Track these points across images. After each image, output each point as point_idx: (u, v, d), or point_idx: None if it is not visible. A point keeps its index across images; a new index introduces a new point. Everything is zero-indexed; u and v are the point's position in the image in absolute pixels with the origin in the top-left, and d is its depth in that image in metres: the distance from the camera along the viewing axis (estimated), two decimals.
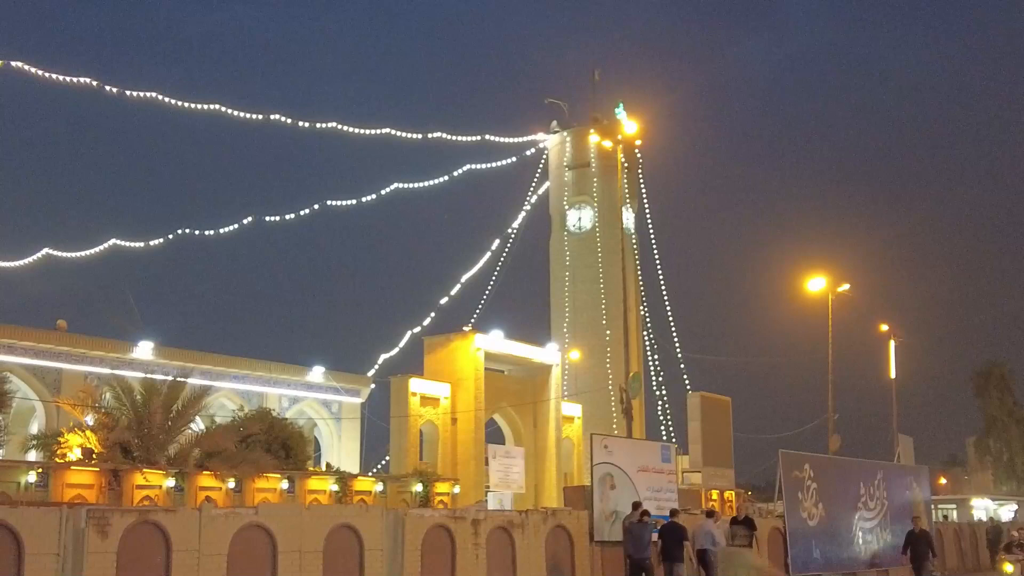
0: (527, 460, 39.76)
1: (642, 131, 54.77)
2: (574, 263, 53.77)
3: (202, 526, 14.72)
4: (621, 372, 44.67)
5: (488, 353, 42.01)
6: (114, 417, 25.54)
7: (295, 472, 27.93)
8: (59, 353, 35.74)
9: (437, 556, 17.84)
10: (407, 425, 38.89)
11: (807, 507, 25.67)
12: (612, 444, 23.39)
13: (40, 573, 13.01)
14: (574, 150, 55.56)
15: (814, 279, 37.72)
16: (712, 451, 39.17)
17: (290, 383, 44.07)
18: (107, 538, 13.61)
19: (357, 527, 16.82)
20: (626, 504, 21.50)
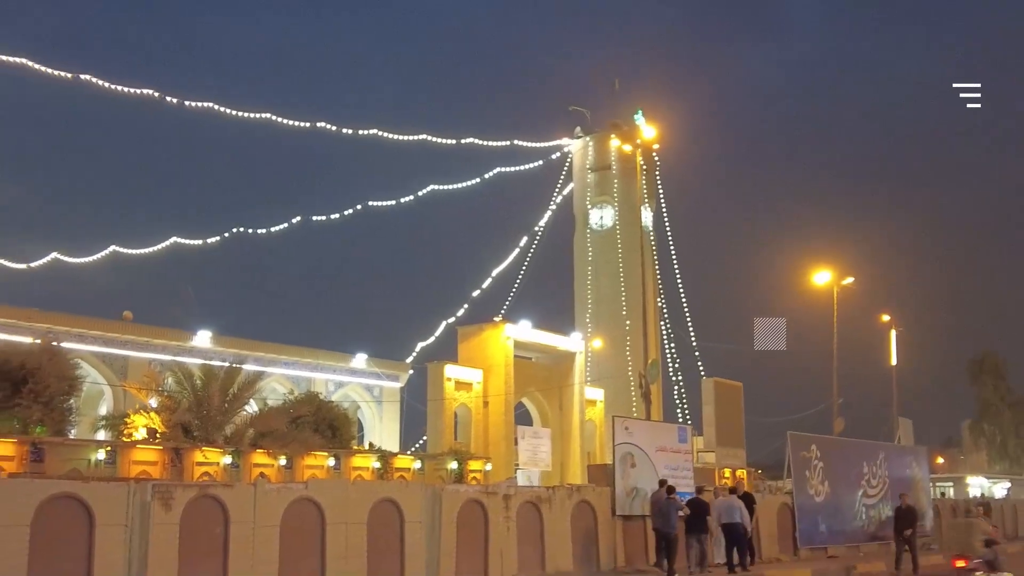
0: (553, 440, 39.77)
1: (659, 135, 54.63)
2: (596, 258, 53.68)
3: (257, 500, 14.76)
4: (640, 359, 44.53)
5: (517, 341, 42.02)
6: (176, 400, 25.69)
7: (341, 451, 28.02)
8: (125, 342, 35.96)
9: (471, 528, 17.83)
10: (443, 408, 38.98)
11: (814, 485, 25.55)
12: (632, 426, 23.32)
13: (110, 543, 13.07)
14: (596, 154, 55.43)
15: (820, 272, 37.47)
16: (725, 432, 39.08)
17: (335, 369, 44.21)
18: (171, 511, 13.66)
19: (398, 501, 16.83)
20: (646, 481, 21.45)
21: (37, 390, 22.17)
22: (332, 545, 15.46)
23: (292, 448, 25.52)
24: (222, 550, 14.11)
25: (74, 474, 19.34)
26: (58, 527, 12.66)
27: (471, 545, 17.73)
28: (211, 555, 13.99)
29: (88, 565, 12.85)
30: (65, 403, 23.36)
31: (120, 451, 22.80)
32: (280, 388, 38.34)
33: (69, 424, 23.84)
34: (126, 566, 13.16)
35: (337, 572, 15.42)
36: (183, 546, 13.66)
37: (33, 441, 21.21)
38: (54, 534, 12.57)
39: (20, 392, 22.04)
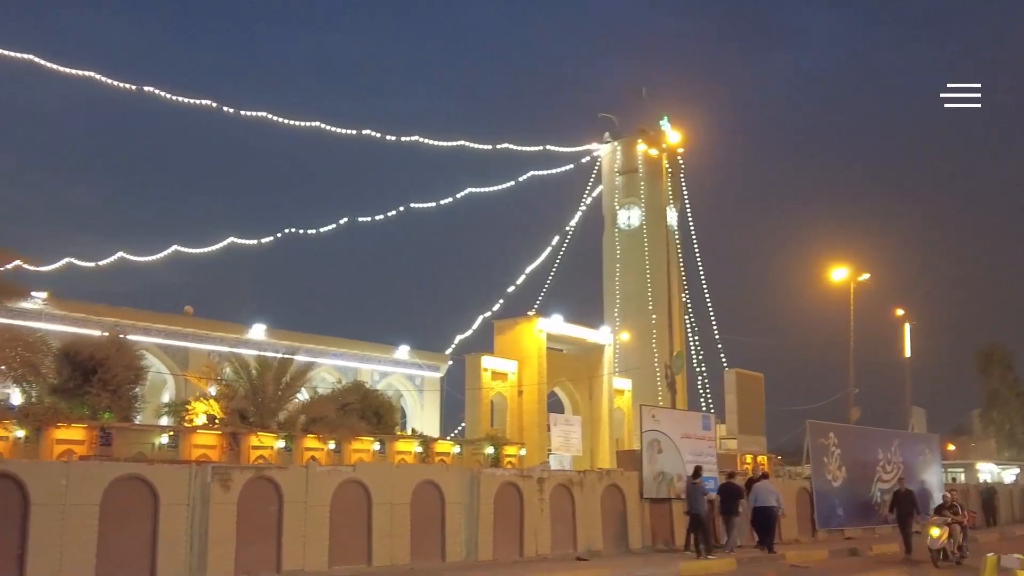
0: (583, 427, 39.73)
1: (684, 140, 54.31)
2: (624, 256, 53.51)
3: (309, 481, 14.84)
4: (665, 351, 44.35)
5: (549, 334, 41.98)
6: (233, 388, 25.87)
7: (385, 436, 28.12)
8: (186, 334, 36.19)
9: (507, 509, 17.82)
10: (480, 396, 39.06)
11: (831, 470, 25.34)
12: (659, 414, 23.21)
13: (173, 520, 13.20)
14: (624, 158, 55.25)
15: (837, 269, 37.08)
16: (746, 420, 38.80)
17: (380, 360, 44.36)
18: (229, 491, 13.76)
19: (439, 483, 16.86)
20: (672, 466, 21.36)
21: (106, 379, 22.36)
22: (378, 524, 15.52)
23: (340, 433, 25.65)
24: (276, 527, 14.21)
25: (140, 457, 19.55)
26: (125, 506, 12.80)
27: (507, 525, 17.72)
28: (266, 532, 14.09)
29: (153, 541, 12.98)
30: (131, 391, 23.56)
31: (182, 435, 22.99)
32: (329, 378, 38.53)
33: (135, 410, 24.05)
34: (188, 542, 13.29)
35: (383, 549, 15.48)
36: (240, 523, 13.77)
37: (102, 426, 21.43)
38: (122, 512, 12.71)
39: (90, 381, 22.24)
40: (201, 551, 13.32)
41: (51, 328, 27.72)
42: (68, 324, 29.81)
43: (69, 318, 30.68)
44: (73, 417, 21.16)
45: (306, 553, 14.41)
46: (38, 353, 21.20)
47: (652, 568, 17.06)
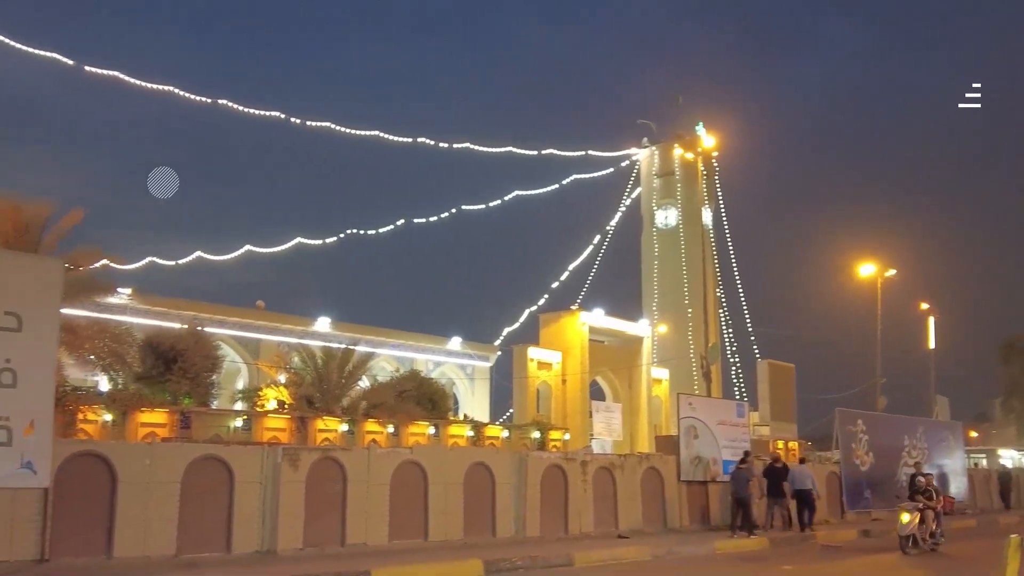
0: (623, 414, 39.52)
1: (718, 144, 53.86)
2: (661, 253, 53.17)
3: (370, 461, 14.98)
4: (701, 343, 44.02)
5: (591, 327, 41.87)
6: (301, 376, 26.00)
7: (439, 421, 28.17)
8: (258, 327, 36.56)
9: (553, 490, 17.82)
10: (527, 385, 39.09)
11: (859, 455, 24.97)
12: (695, 402, 23.04)
13: (247, 496, 13.41)
14: (661, 161, 54.86)
15: (865, 265, 36.50)
16: (778, 408, 38.39)
17: (434, 350, 44.51)
18: (298, 470, 13.95)
19: (489, 465, 16.91)
20: (707, 451, 21.21)
21: (185, 368, 22.56)
22: (434, 501, 15.62)
23: (398, 418, 25.74)
24: (341, 504, 14.36)
25: (216, 439, 19.71)
26: (204, 483, 13.03)
27: (553, 504, 17.73)
28: (332, 508, 14.25)
29: (229, 515, 13.21)
30: (208, 379, 23.73)
31: (254, 419, 23.17)
32: (387, 367, 38.75)
33: (212, 396, 24.23)
34: (260, 516, 13.50)
35: (438, 525, 15.58)
36: (308, 500, 13.95)
37: (182, 411, 21.68)
38: (201, 489, 12.95)
39: (171, 369, 22.45)
40: (272, 525, 13.52)
41: (136, 321, 28.18)
42: (151, 317, 30.23)
43: (152, 312, 31.14)
44: (156, 402, 21.42)
45: (368, 528, 14.56)
46: (124, 344, 21.43)
47: (689, 546, 16.96)
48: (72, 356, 18.92)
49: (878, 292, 36.57)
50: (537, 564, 13.70)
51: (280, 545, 13.45)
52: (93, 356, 20.23)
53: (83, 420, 18.98)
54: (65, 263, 14.10)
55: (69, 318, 17.36)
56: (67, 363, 18.50)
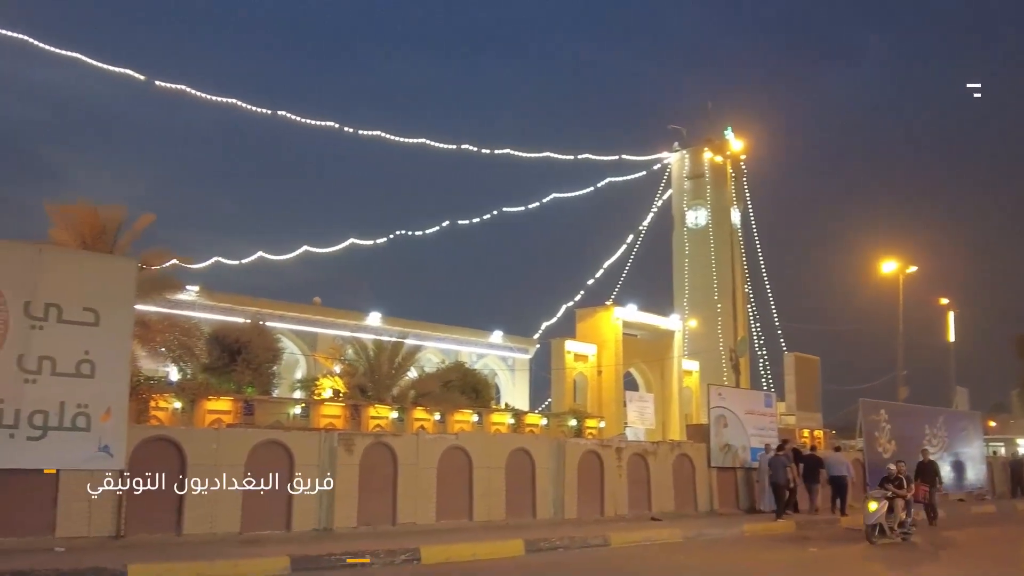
0: (656, 404, 39.17)
1: (746, 147, 53.22)
2: (692, 252, 52.70)
3: (419, 447, 15.06)
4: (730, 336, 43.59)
5: (625, 322, 41.61)
6: (354, 367, 26.09)
7: (482, 409, 28.17)
8: (315, 321, 36.86)
9: (589, 474, 17.78)
10: (564, 376, 38.97)
11: (882, 443, 24.57)
12: (725, 392, 22.82)
13: (306, 477, 13.57)
14: (692, 164, 54.35)
15: (887, 262, 35.89)
16: (804, 399, 37.84)
17: (477, 343, 44.60)
18: (352, 454, 14.07)
19: (530, 450, 16.92)
20: (737, 439, 21.03)
21: (248, 359, 22.77)
22: (478, 484, 15.67)
23: (444, 406, 25.78)
24: (392, 486, 14.46)
25: (277, 425, 19.86)
26: (266, 466, 13.18)
27: (589, 488, 17.69)
28: (384, 489, 14.35)
29: (289, 496, 13.37)
30: (270, 369, 23.92)
31: (312, 407, 23.34)
32: (434, 358, 38.90)
33: (273, 386, 24.42)
34: (318, 496, 13.65)
35: (482, 506, 15.62)
36: (362, 481, 14.07)
37: (245, 399, 21.90)
38: (263, 471, 13.09)
39: (235, 361, 22.67)
40: (329, 504, 13.66)
41: (202, 316, 28.48)
42: (217, 313, 30.61)
43: (217, 308, 31.54)
44: (221, 391, 21.65)
45: (417, 508, 14.64)
46: (192, 337, 21.60)
47: (719, 528, 16.82)
48: (145, 348, 19.17)
49: (900, 288, 35.95)
50: (575, 544, 13.67)
51: (336, 523, 13.58)
52: (164, 348, 20.45)
53: (155, 408, 19.25)
54: (138, 263, 14.38)
55: (142, 313, 17.65)
56: (140, 355, 18.75)
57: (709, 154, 52.69)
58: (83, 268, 11.94)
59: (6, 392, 10.51)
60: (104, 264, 12.94)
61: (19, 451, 10.48)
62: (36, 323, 10.83)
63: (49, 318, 10.94)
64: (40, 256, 11.30)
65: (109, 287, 11.66)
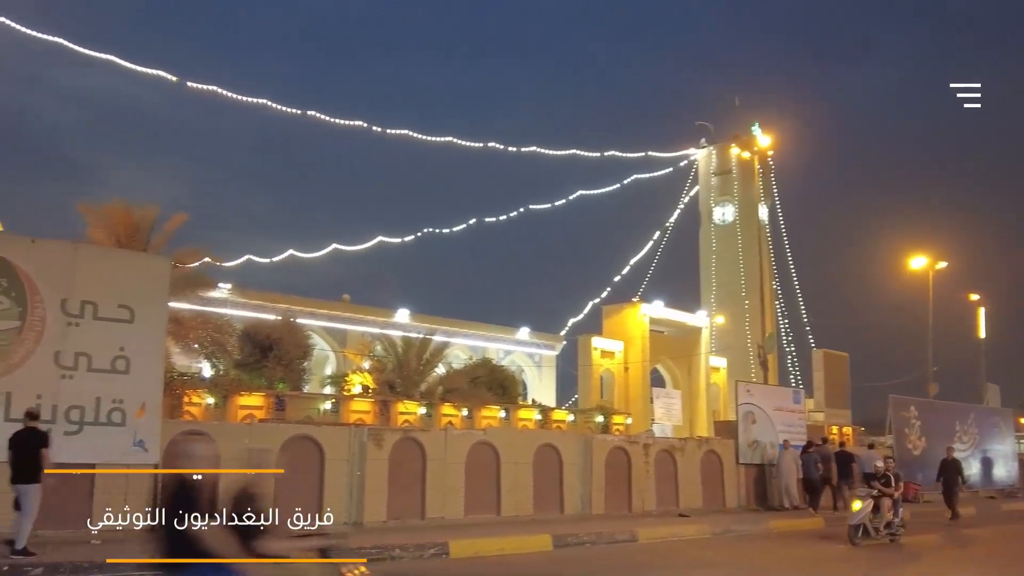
0: (683, 400, 38.97)
1: (774, 143, 52.70)
2: (719, 248, 52.26)
3: (447, 442, 15.11)
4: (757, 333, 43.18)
5: (651, 318, 41.37)
6: (383, 363, 26.20)
7: (509, 405, 28.15)
8: (344, 318, 36.83)
9: (617, 470, 17.72)
10: (591, 372, 38.84)
11: (912, 440, 24.29)
12: (753, 389, 22.63)
13: (336, 471, 13.67)
14: (719, 160, 53.90)
15: (917, 257, 35.35)
16: (832, 395, 37.42)
17: (504, 339, 44.49)
18: (381, 449, 14.15)
19: (557, 446, 16.90)
20: (765, 435, 20.85)
21: (280, 355, 22.92)
22: (506, 479, 15.67)
23: (472, 402, 25.79)
24: (421, 480, 14.52)
25: (308, 420, 19.95)
26: (298, 459, 13.32)
27: (617, 484, 17.63)
28: (412, 484, 14.42)
29: (320, 488, 13.47)
30: (300, 365, 24.07)
31: (342, 402, 23.48)
32: (461, 355, 38.87)
33: (303, 381, 24.59)
34: (349, 490, 13.73)
35: (510, 501, 15.62)
36: (391, 476, 14.15)
37: (277, 394, 22.05)
38: (295, 464, 13.24)
39: (267, 357, 22.83)
40: (359, 499, 13.74)
41: (234, 313, 28.71)
42: (248, 310, 30.75)
43: (249, 305, 31.69)
44: (253, 387, 21.80)
45: (445, 503, 14.68)
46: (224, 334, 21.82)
47: (747, 524, 16.68)
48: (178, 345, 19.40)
49: (930, 283, 35.40)
50: (603, 540, 13.63)
51: (366, 516, 13.66)
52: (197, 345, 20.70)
53: (188, 403, 19.46)
54: (171, 261, 14.54)
55: (175, 311, 17.85)
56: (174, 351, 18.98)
57: (736, 150, 52.21)
58: (118, 266, 12.11)
59: (44, 388, 10.69)
60: (138, 262, 13.11)
61: (56, 445, 10.65)
62: (72, 320, 11.00)
63: (85, 315, 11.11)
64: (76, 254, 11.47)
65: (143, 285, 11.81)
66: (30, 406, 10.19)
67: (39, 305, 10.82)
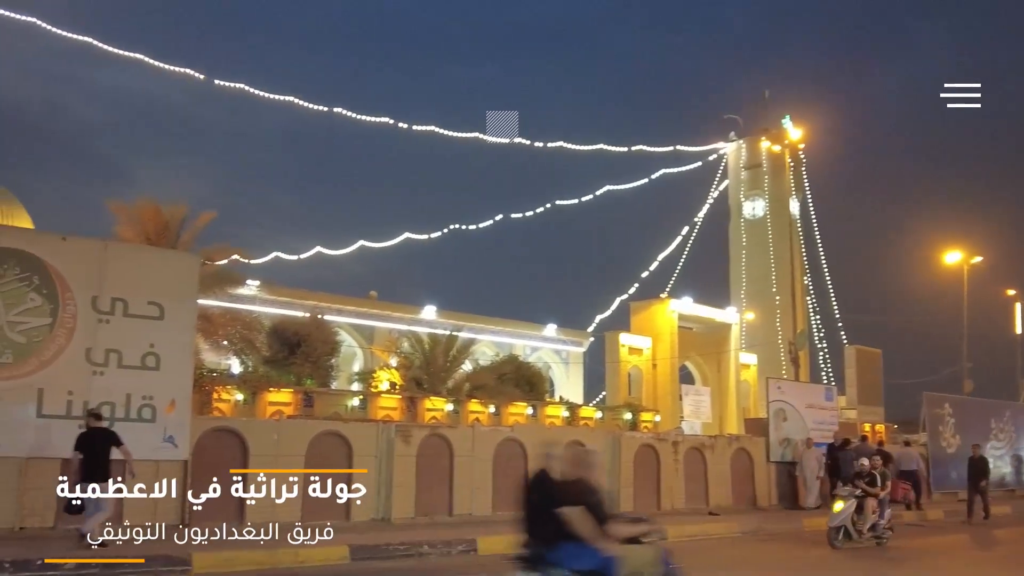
0: (712, 397, 38.68)
1: (805, 136, 52.09)
2: (749, 243, 51.76)
3: (475, 438, 15.10)
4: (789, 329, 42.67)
5: (680, 314, 41.17)
6: (410, 360, 26.28)
7: (536, 402, 28.10)
8: (372, 314, 37.11)
9: (645, 467, 17.61)
10: (618, 369, 38.71)
11: (946, 437, 23.94)
12: (784, 386, 22.39)
13: (364, 467, 13.73)
14: (748, 154, 53.35)
15: (951, 252, 34.78)
16: (865, 392, 36.96)
17: (531, 336, 44.50)
18: (409, 445, 14.16)
19: (585, 443, 16.81)
20: (796, 433, 20.61)
21: (307, 352, 23.05)
22: None
23: (499, 399, 25.79)
24: (448, 477, 14.53)
25: (336, 416, 20.13)
26: (326, 456, 13.36)
27: (645, 481, 17.53)
28: (440, 480, 14.43)
29: (348, 485, 13.49)
30: (328, 362, 24.19)
31: (369, 399, 23.56)
32: (488, 351, 38.93)
33: (331, 378, 24.69)
34: (376, 486, 13.77)
35: None
36: (419, 472, 14.16)
37: (305, 391, 22.19)
38: (323, 461, 13.25)
39: (295, 353, 22.98)
40: (387, 495, 13.78)
41: (263, 310, 29.02)
42: (277, 307, 31.07)
43: (277, 302, 32.03)
44: (282, 383, 21.94)
45: (473, 499, 14.68)
46: (253, 331, 22.03)
47: (778, 523, 16.49)
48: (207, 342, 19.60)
49: (965, 279, 34.83)
50: None
51: (394, 513, 13.69)
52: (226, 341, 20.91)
53: (218, 399, 19.62)
54: (200, 258, 14.68)
55: (204, 307, 18.03)
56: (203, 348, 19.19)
57: (767, 143, 51.68)
58: (147, 263, 12.24)
59: (75, 384, 10.83)
60: (168, 259, 13.24)
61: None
62: (103, 317, 11.14)
63: (115, 312, 11.24)
64: (106, 252, 11.60)
65: (173, 282, 11.92)
66: (92, 407, 10.40)
67: (70, 302, 10.96)
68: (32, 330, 10.74)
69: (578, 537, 5.21)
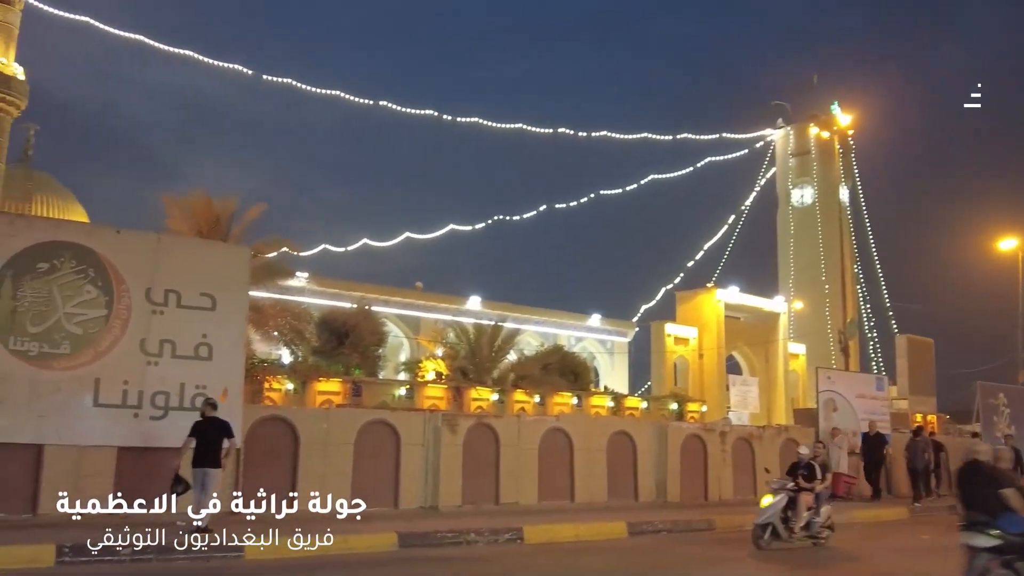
0: (760, 387, 38.19)
1: (854, 122, 51.02)
2: (797, 231, 50.92)
3: (520, 428, 15.07)
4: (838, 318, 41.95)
5: (726, 304, 40.68)
6: (455, 350, 26.48)
7: (581, 392, 28.10)
8: (418, 305, 37.34)
9: (692, 457, 17.41)
10: (664, 359, 38.43)
11: (1001, 428, 23.24)
12: (834, 376, 21.96)
13: (411, 456, 13.76)
14: (796, 141, 52.41)
15: (1006, 240, 33.69)
16: (917, 382, 36.05)
17: (576, 326, 44.36)
18: (455, 434, 14.19)
19: (631, 433, 16.70)
20: (846, 423, 20.18)
21: (355, 342, 23.36)
22: (579, 465, 15.57)
23: (544, 389, 25.83)
24: (494, 466, 14.52)
25: (383, 405, 20.33)
26: (373, 444, 13.45)
27: (692, 472, 17.34)
28: (486, 469, 14.43)
29: (396, 473, 13.60)
30: (375, 352, 24.49)
31: (416, 388, 23.81)
32: (533, 341, 38.90)
33: (378, 368, 25.02)
34: (424, 475, 13.83)
35: (584, 487, 15.52)
36: (465, 460, 14.17)
37: (353, 380, 22.50)
38: (371, 449, 13.38)
39: (343, 344, 23.31)
40: (434, 483, 13.83)
41: (312, 301, 29.32)
42: (325, 298, 31.35)
43: (326, 293, 32.35)
44: (331, 373, 22.25)
45: (519, 489, 14.67)
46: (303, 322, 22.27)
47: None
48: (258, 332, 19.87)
49: (1020, 266, 33.74)
50: (678, 527, 13.40)
51: (441, 500, 13.74)
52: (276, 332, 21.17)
53: (269, 389, 19.96)
54: (251, 251, 14.88)
55: (255, 299, 18.25)
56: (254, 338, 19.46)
57: (815, 130, 50.75)
58: (199, 256, 12.44)
59: (130, 374, 11.05)
60: (219, 252, 13.44)
61: (143, 430, 11.02)
62: (157, 308, 11.34)
63: (169, 303, 11.43)
64: (159, 244, 11.81)
65: (224, 273, 12.09)
66: (209, 397, 10.58)
67: (125, 294, 11.18)
68: (88, 321, 10.98)
69: (1013, 510, 6.89)
